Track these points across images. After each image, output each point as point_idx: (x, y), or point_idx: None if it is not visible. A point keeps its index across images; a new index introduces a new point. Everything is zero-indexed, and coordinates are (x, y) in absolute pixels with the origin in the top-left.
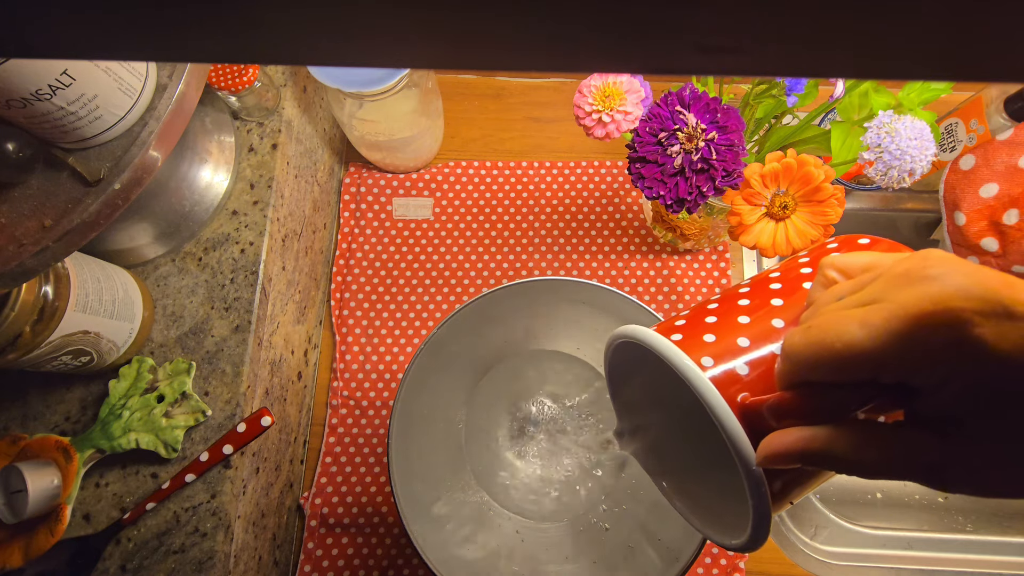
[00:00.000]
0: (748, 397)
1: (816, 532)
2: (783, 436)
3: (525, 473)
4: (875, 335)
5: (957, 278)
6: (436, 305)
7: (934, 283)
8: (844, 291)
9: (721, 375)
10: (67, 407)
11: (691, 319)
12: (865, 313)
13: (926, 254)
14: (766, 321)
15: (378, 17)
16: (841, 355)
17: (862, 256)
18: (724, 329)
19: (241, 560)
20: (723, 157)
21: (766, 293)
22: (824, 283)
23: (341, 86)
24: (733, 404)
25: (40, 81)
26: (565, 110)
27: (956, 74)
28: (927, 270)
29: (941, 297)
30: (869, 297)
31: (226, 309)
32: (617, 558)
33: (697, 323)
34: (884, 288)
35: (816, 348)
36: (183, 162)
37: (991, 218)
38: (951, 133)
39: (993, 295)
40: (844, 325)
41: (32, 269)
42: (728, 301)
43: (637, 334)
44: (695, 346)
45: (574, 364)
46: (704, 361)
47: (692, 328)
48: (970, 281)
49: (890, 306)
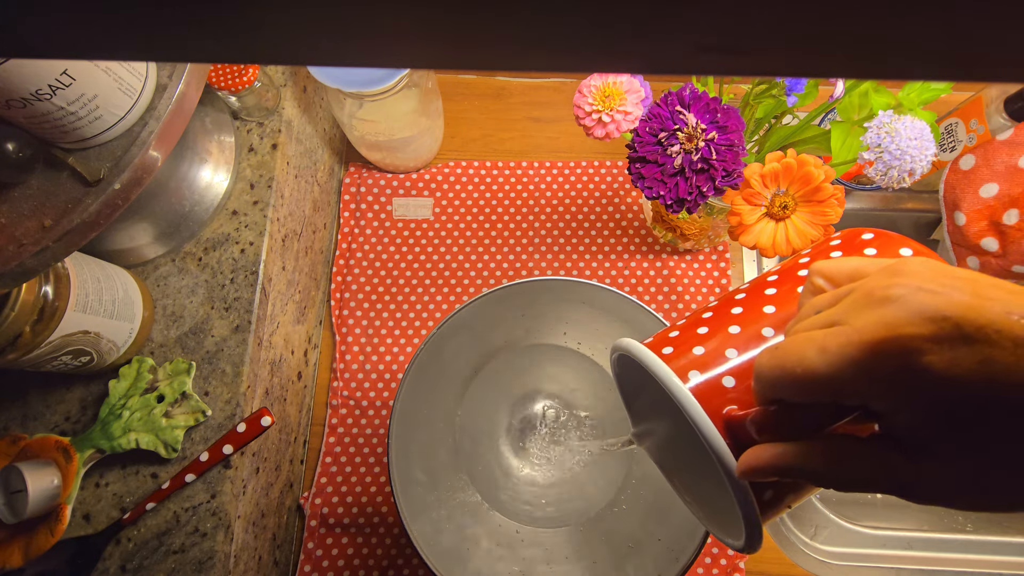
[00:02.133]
0: (734, 410)
1: (816, 532)
2: (760, 451)
3: (525, 472)
4: (830, 362)
5: (916, 300)
6: (436, 305)
7: (891, 306)
8: (823, 304)
9: (706, 389)
10: (67, 407)
11: (685, 329)
12: (824, 338)
13: (897, 268)
14: (756, 331)
15: (378, 17)
16: (801, 380)
17: (848, 263)
18: (713, 340)
19: (241, 560)
20: (723, 157)
21: (760, 300)
22: (812, 290)
23: (341, 86)
24: (718, 417)
25: (40, 81)
26: (565, 110)
27: (956, 74)
28: (889, 290)
29: (894, 322)
30: (836, 316)
31: (226, 309)
32: (617, 558)
33: (689, 334)
34: (848, 308)
35: (778, 371)
36: (183, 162)
37: (991, 218)
38: (951, 133)
39: (949, 319)
40: (804, 350)
41: (32, 269)
42: (723, 308)
43: (630, 348)
44: (683, 359)
45: (575, 362)
46: (691, 375)
47: (684, 340)
48: (929, 304)
49: (847, 331)
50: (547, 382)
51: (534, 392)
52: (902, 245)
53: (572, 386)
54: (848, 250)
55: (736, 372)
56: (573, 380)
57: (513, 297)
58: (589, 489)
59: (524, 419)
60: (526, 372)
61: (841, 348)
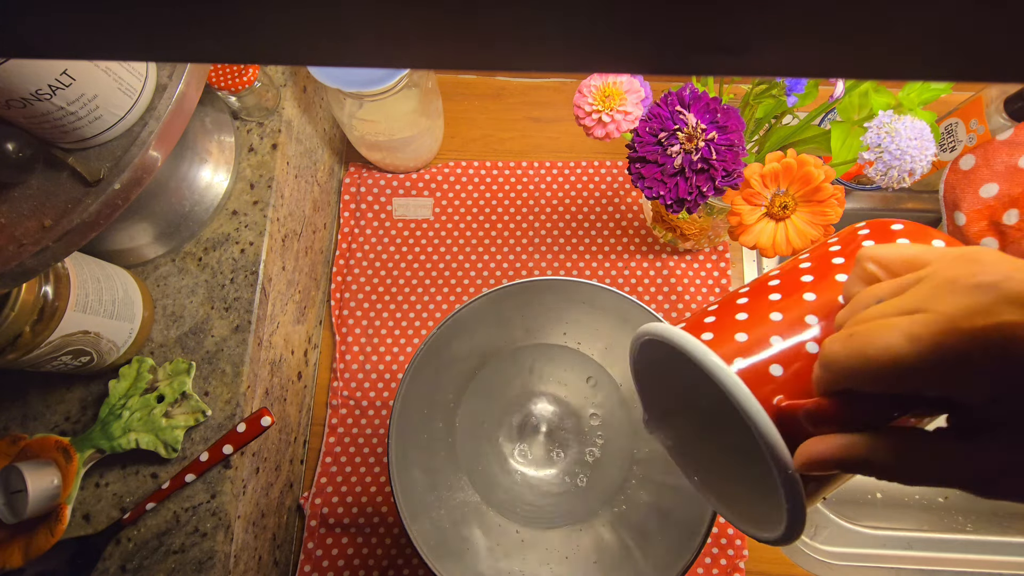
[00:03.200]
0: (783, 400)
1: (816, 532)
2: (821, 443)
3: (525, 472)
4: (921, 350)
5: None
6: (436, 305)
7: (985, 293)
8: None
9: (755, 377)
10: (67, 407)
11: (721, 315)
12: (911, 324)
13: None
14: (799, 318)
15: (378, 17)
16: (885, 368)
17: (904, 250)
18: (756, 327)
19: (241, 560)
20: (723, 157)
21: (798, 286)
22: (863, 277)
23: (341, 86)
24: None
25: (40, 81)
26: (565, 110)
27: (956, 74)
28: (977, 277)
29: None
30: (913, 304)
31: (226, 309)
32: (617, 558)
33: (728, 320)
34: (930, 295)
35: (858, 359)
36: (183, 162)
37: (991, 218)
38: (951, 133)
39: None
40: (889, 336)
41: (32, 269)
42: (758, 295)
43: (667, 334)
44: (727, 346)
45: (575, 362)
46: (737, 362)
47: (722, 326)
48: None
49: (937, 318)
50: (547, 382)
51: (534, 392)
52: (934, 236)
53: (572, 386)
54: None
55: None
56: (573, 380)
57: (513, 297)
58: (589, 489)
59: (524, 419)
60: (526, 372)
61: (933, 336)
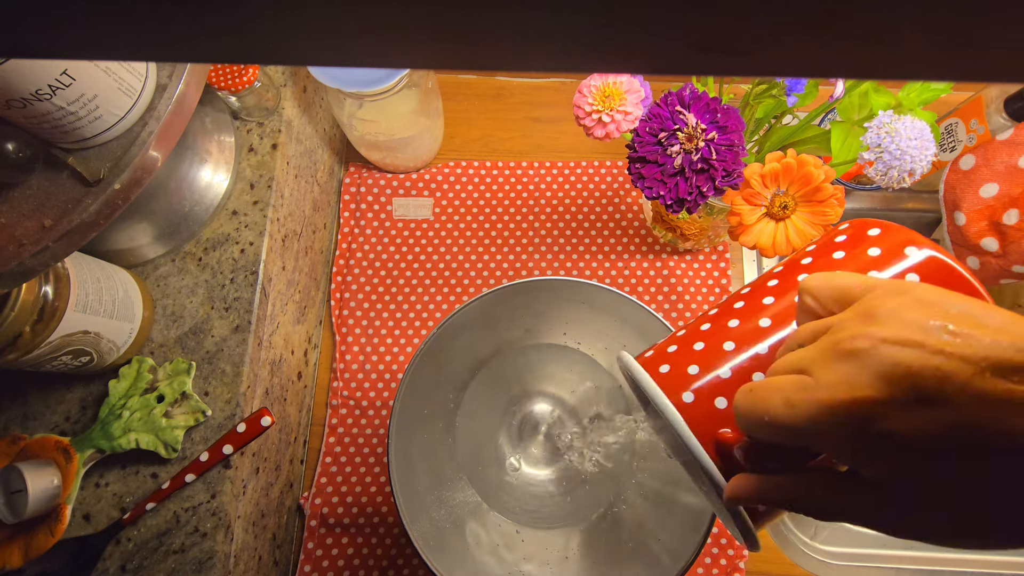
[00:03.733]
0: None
1: (816, 532)
2: (743, 481)
3: (525, 472)
4: (795, 416)
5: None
6: (436, 305)
7: (854, 362)
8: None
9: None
10: (67, 407)
11: (682, 344)
12: (793, 389)
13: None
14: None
15: (378, 17)
16: (770, 427)
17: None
18: (708, 358)
19: (241, 560)
20: (723, 157)
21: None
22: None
23: (341, 86)
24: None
25: (40, 81)
26: (565, 110)
27: (956, 74)
28: (855, 342)
29: (854, 383)
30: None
31: (226, 309)
32: (617, 558)
33: (686, 351)
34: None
35: (751, 416)
36: (183, 162)
37: (991, 218)
38: (951, 133)
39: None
40: (772, 400)
41: (32, 269)
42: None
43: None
44: (678, 381)
45: (575, 362)
46: (685, 397)
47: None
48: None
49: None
50: (547, 382)
51: (534, 392)
52: (908, 243)
53: (572, 386)
54: (852, 247)
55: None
56: (573, 380)
57: (513, 297)
58: (589, 489)
59: (524, 419)
60: (526, 372)
61: (806, 404)
